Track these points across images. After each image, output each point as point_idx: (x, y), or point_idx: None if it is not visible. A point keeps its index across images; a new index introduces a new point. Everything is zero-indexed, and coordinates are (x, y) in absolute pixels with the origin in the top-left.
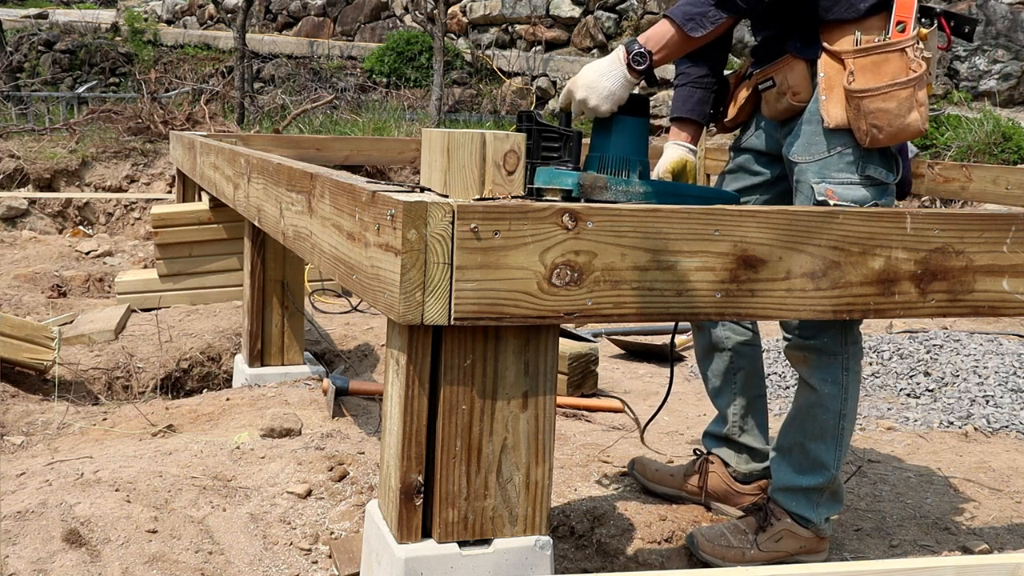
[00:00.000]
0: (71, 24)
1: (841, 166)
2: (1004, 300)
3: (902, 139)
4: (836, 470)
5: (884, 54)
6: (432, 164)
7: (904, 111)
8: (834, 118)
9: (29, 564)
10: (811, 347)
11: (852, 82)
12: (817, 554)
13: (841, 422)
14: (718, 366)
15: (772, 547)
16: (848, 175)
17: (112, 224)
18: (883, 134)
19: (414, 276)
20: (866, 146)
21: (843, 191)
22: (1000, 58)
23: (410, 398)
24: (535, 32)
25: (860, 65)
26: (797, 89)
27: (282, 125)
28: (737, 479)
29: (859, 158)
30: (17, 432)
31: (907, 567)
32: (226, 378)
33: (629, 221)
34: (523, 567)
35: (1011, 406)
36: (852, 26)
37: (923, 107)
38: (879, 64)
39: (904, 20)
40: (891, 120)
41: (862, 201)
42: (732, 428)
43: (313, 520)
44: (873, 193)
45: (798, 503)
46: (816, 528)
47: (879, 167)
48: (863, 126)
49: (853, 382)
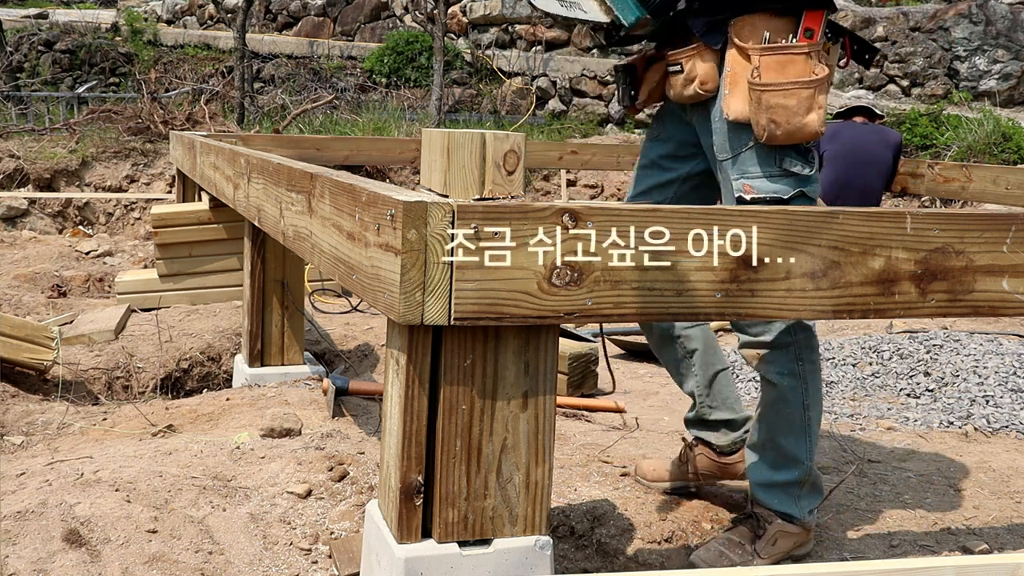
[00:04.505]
0: (71, 24)
1: (757, 160)
2: (1004, 300)
3: (799, 139)
4: (809, 462)
5: (790, 55)
6: (432, 164)
7: (803, 110)
8: (735, 111)
9: (29, 564)
10: (761, 342)
11: (757, 77)
12: (807, 545)
13: (807, 413)
14: (672, 355)
15: (771, 551)
16: (765, 168)
17: (112, 224)
18: (780, 131)
19: (414, 276)
20: (763, 142)
21: (760, 184)
22: (1000, 58)
23: (410, 398)
24: (535, 32)
25: (765, 62)
26: (705, 79)
27: (282, 125)
28: (723, 453)
29: (774, 151)
30: (17, 432)
31: (907, 567)
32: (226, 378)
33: (629, 221)
34: (523, 567)
35: (1011, 406)
36: (762, 24)
37: (822, 110)
38: (784, 64)
39: (812, 28)
40: (789, 117)
41: (781, 193)
42: (702, 409)
43: (313, 520)
44: (792, 183)
45: (780, 500)
46: (802, 522)
47: (794, 160)
48: (763, 120)
49: (811, 372)
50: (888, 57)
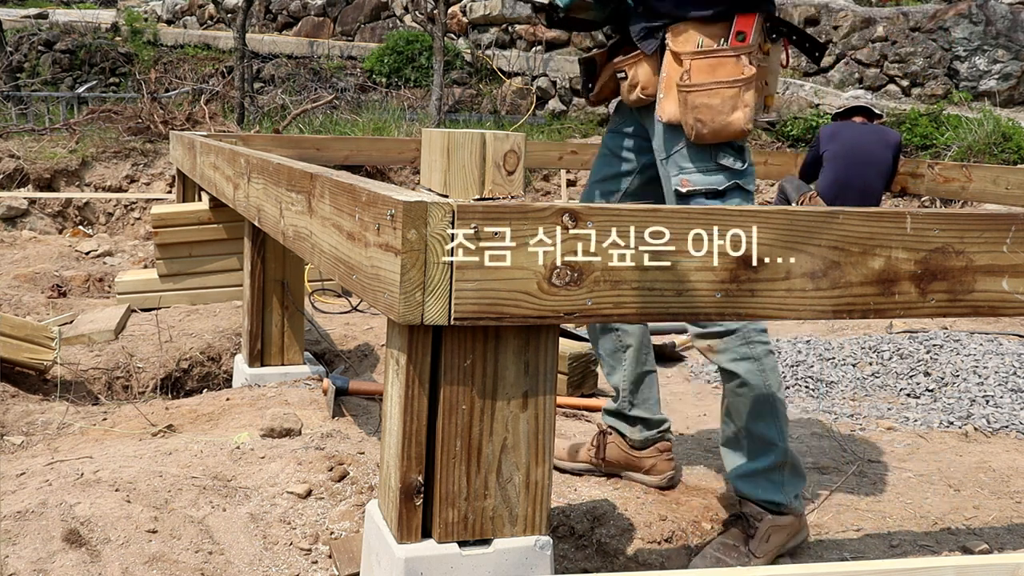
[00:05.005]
0: (71, 24)
1: (691, 157)
2: (1004, 300)
3: (725, 137)
4: (783, 443)
5: (720, 58)
6: (432, 164)
7: (727, 109)
8: (667, 113)
9: (29, 564)
10: (710, 332)
11: (687, 79)
12: (800, 534)
13: (770, 394)
14: (607, 345)
15: (766, 548)
16: (700, 164)
17: (112, 224)
18: (707, 129)
19: (414, 276)
20: (692, 140)
21: (696, 178)
22: (1000, 58)
23: (410, 398)
24: (535, 32)
25: (696, 66)
26: (645, 84)
27: (282, 125)
28: (634, 447)
29: (708, 148)
30: (17, 432)
31: (907, 567)
32: (226, 378)
33: (629, 221)
34: (523, 567)
35: (1011, 406)
36: (696, 30)
37: (748, 108)
38: (714, 67)
39: (744, 31)
40: (714, 116)
41: (716, 184)
42: (623, 403)
43: (313, 520)
44: (727, 176)
45: (763, 488)
46: (790, 509)
47: (727, 154)
48: (690, 120)
49: (765, 353)
50: (888, 57)
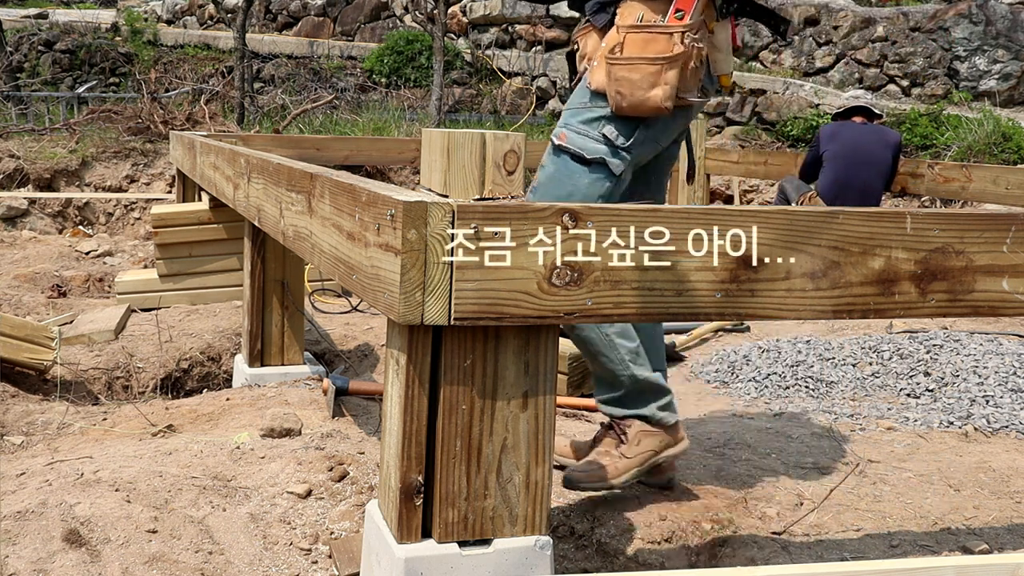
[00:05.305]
0: (71, 24)
1: (585, 118)
2: (1004, 300)
3: (643, 112)
4: (627, 371)
5: (654, 34)
6: (432, 164)
7: (646, 85)
8: (595, 81)
9: (29, 564)
10: None
11: (618, 52)
12: (677, 446)
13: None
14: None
15: (636, 450)
16: (587, 128)
17: (112, 224)
18: (626, 102)
19: (414, 276)
20: (613, 110)
21: (575, 137)
22: (1000, 58)
23: (410, 398)
24: (535, 32)
25: (630, 39)
26: (591, 56)
27: (282, 125)
28: None
29: (602, 117)
30: (17, 432)
31: (907, 567)
32: (226, 378)
33: (629, 221)
34: (523, 567)
35: (1011, 406)
36: (641, 4)
37: (668, 86)
38: (647, 42)
39: (684, 9)
40: (632, 90)
41: (589, 152)
42: None
43: (313, 520)
44: (601, 149)
45: (624, 407)
46: (658, 421)
47: (615, 129)
48: (612, 92)
49: None
50: (888, 57)
